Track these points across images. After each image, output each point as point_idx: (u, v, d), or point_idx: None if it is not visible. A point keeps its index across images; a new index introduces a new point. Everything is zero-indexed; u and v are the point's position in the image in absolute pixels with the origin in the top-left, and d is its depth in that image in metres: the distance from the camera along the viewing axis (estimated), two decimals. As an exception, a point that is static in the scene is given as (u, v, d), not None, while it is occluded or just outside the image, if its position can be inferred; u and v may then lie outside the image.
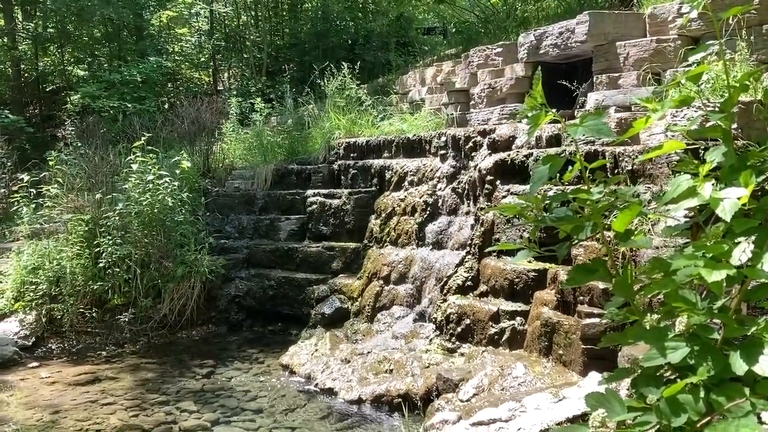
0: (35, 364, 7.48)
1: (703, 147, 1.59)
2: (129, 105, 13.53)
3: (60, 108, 16.67)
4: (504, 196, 6.68)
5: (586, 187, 1.50)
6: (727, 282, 1.37)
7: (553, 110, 1.59)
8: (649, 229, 4.55)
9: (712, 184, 1.39)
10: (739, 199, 1.33)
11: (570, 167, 1.68)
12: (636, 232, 1.70)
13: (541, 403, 4.47)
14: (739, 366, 1.24)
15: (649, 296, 1.56)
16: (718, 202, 1.34)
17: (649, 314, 1.47)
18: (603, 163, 1.84)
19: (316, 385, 6.55)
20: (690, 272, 1.31)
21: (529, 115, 1.55)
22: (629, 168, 5.43)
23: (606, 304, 1.72)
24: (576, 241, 1.61)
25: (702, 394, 1.26)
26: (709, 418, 1.24)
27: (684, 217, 1.81)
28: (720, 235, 1.39)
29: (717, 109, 1.50)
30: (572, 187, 1.81)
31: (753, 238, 1.31)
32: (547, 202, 1.73)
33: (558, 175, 1.74)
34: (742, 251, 1.32)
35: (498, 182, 6.83)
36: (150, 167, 8.72)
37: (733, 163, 1.39)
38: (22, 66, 17.28)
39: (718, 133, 1.48)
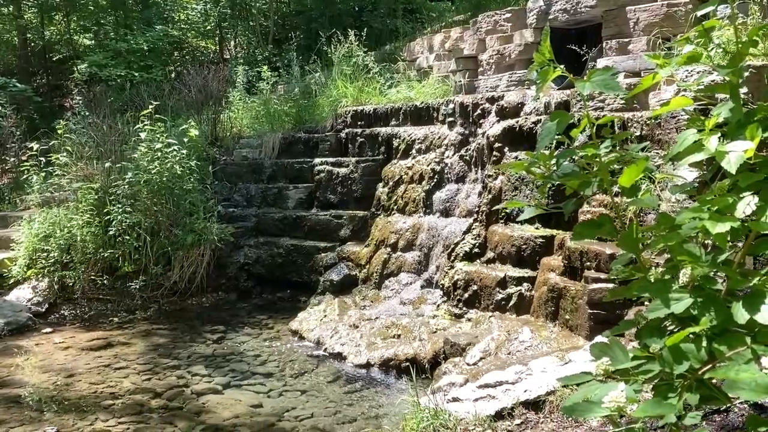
0: (49, 329, 7.60)
1: (712, 106, 1.59)
2: (136, 74, 13.50)
3: (67, 77, 16.65)
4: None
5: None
6: (732, 235, 1.39)
7: (562, 66, 1.60)
8: (658, 195, 4.55)
9: (719, 138, 1.41)
10: (744, 152, 1.34)
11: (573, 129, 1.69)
12: (643, 191, 1.71)
13: (547, 366, 4.53)
14: (741, 315, 1.27)
15: (655, 253, 1.57)
16: (724, 155, 1.36)
17: (654, 268, 1.50)
18: (611, 119, 1.83)
19: (325, 349, 6.64)
20: (695, 225, 1.33)
21: (537, 70, 1.56)
22: (638, 134, 5.41)
23: (612, 263, 1.74)
24: (583, 198, 1.62)
25: (704, 343, 1.29)
26: (710, 365, 1.27)
27: (692, 175, 1.82)
28: (725, 190, 1.41)
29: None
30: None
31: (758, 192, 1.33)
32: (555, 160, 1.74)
33: (567, 138, 1.76)
34: (746, 204, 1.34)
35: (506, 149, 6.82)
36: (158, 135, 8.74)
37: (740, 118, 1.40)
38: (28, 35, 17.22)
39: (725, 90, 1.49)
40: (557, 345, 5.12)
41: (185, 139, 9.24)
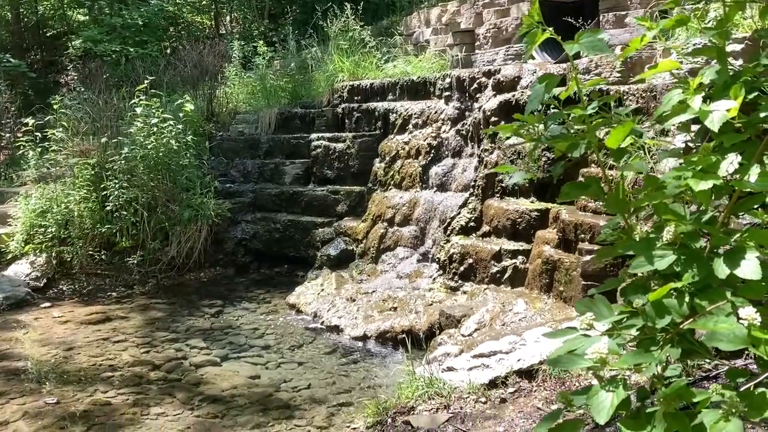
0: (47, 304, 7.65)
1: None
2: (131, 50, 13.40)
3: (62, 53, 16.52)
4: (508, 138, 6.66)
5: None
6: (716, 194, 1.41)
7: (550, 29, 1.61)
8: (652, 166, 4.57)
9: (703, 98, 1.42)
10: (728, 111, 1.36)
11: (570, 106, 1.69)
12: (633, 156, 1.74)
13: (540, 336, 4.59)
14: (722, 270, 1.30)
15: (643, 219, 1.59)
16: (707, 114, 1.38)
17: (639, 227, 1.52)
18: (599, 81, 1.85)
19: (322, 322, 6.71)
20: (679, 184, 1.35)
21: (526, 33, 1.57)
22: (634, 106, 5.41)
23: (602, 227, 1.77)
24: (571, 161, 1.64)
25: (687, 299, 1.32)
26: (691, 319, 1.30)
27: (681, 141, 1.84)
28: (710, 150, 1.43)
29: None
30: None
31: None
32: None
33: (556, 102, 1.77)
34: (729, 163, 1.36)
35: (502, 123, 6.81)
36: (154, 111, 8.71)
37: (727, 79, 1.41)
38: (22, 10, 17.05)
39: (712, 53, 1.50)
40: (551, 316, 5.18)
41: (181, 114, 9.21)
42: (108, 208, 8.39)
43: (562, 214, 5.66)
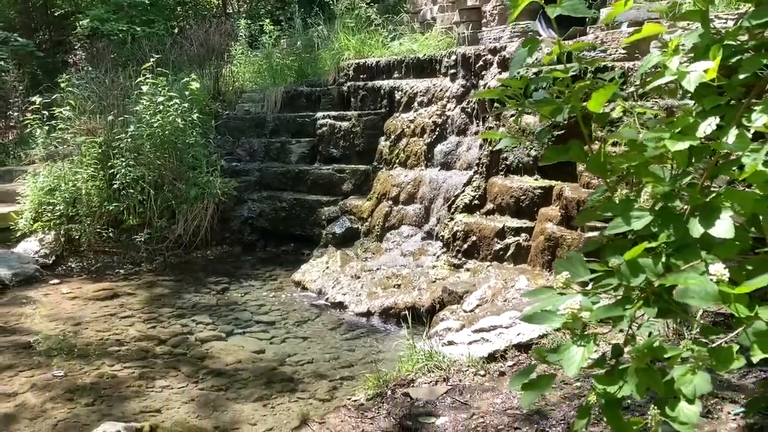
0: (56, 280, 7.75)
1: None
2: (138, 29, 13.38)
3: (69, 33, 16.52)
4: (512, 115, 6.65)
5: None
6: (696, 156, 1.42)
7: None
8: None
9: (681, 60, 1.43)
10: (705, 71, 1.37)
11: (576, 81, 1.69)
12: (624, 125, 1.75)
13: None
14: (697, 230, 1.31)
15: (627, 187, 1.60)
16: (685, 74, 1.38)
17: (620, 190, 1.54)
18: (585, 45, 1.85)
19: (327, 299, 6.76)
20: (657, 145, 1.36)
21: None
22: (638, 82, 5.38)
23: (589, 194, 1.78)
24: (556, 124, 1.66)
25: (663, 259, 1.34)
26: (664, 276, 1.32)
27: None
28: (693, 113, 1.44)
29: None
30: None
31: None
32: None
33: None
34: (707, 124, 1.37)
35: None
36: (160, 89, 8.73)
37: (709, 42, 1.41)
38: (29, -11, 17.02)
39: (697, 17, 1.50)
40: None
41: (187, 93, 9.23)
42: (115, 186, 8.45)
43: (565, 192, 5.66)
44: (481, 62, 7.52)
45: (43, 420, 4.28)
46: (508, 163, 6.72)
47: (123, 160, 8.45)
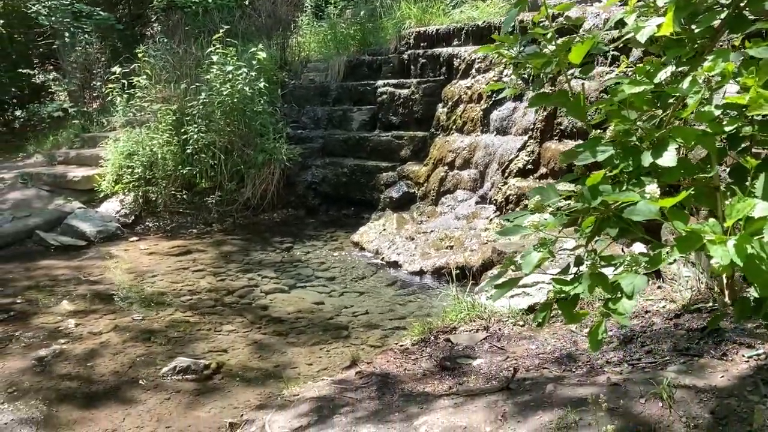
0: (135, 238, 8.39)
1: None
2: (210, 1, 13.90)
3: (147, 6, 17.27)
4: (569, 80, 6.71)
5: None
6: (662, 102, 1.61)
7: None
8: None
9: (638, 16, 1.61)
10: (657, 26, 1.55)
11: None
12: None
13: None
14: (647, 159, 1.52)
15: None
16: (640, 29, 1.57)
17: (594, 132, 1.74)
18: (568, 5, 2.05)
19: (383, 258, 7.09)
20: (624, 89, 1.56)
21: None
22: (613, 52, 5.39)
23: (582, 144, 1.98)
24: (546, 77, 1.87)
25: (624, 187, 1.55)
26: (617, 198, 1.54)
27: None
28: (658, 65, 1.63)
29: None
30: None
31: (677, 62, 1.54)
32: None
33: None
34: (664, 72, 1.56)
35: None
36: (229, 59, 9.18)
37: (680, 5, 1.58)
38: (110, -35, 17.83)
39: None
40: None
41: (255, 63, 9.64)
42: (188, 151, 8.99)
43: (615, 155, 5.75)
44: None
45: (124, 355, 4.80)
46: (562, 128, 6.82)
47: (195, 126, 8.97)
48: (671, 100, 1.57)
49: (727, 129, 1.50)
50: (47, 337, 5.17)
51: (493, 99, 8.05)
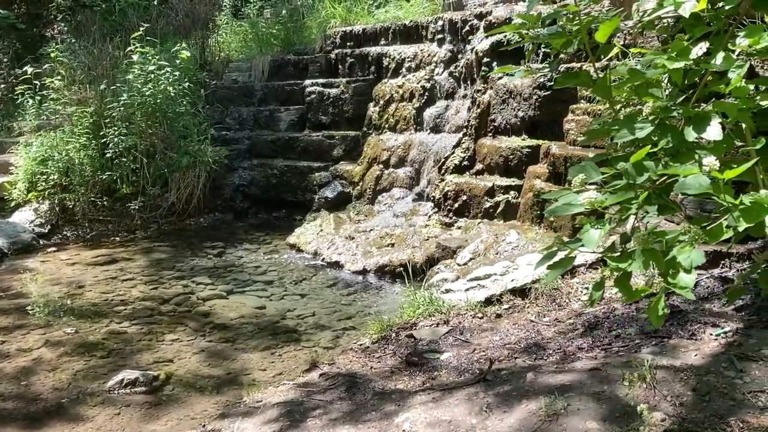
0: (53, 248, 7.87)
1: None
2: (120, -1, 13.30)
3: (47, 6, 16.32)
4: (500, 78, 6.86)
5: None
6: (689, 78, 1.64)
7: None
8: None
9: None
10: (698, 1, 1.58)
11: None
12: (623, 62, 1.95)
13: (532, 260, 4.87)
14: (690, 134, 1.53)
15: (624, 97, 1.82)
16: (681, 4, 1.59)
17: (624, 108, 1.75)
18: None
19: (323, 259, 6.98)
20: (656, 64, 1.58)
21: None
22: (622, 43, 5.60)
23: (589, 123, 1.99)
24: (563, 56, 1.87)
25: (663, 162, 1.56)
26: (666, 177, 1.55)
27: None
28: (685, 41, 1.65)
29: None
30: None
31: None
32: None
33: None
34: (699, 48, 1.58)
35: (494, 64, 6.99)
36: (150, 58, 8.79)
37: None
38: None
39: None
40: (542, 245, 5.45)
41: (178, 62, 9.29)
42: (108, 155, 8.53)
43: (552, 149, 5.90)
44: (467, 27, 7.69)
45: (61, 371, 4.47)
46: (496, 124, 6.94)
47: (115, 129, 8.52)
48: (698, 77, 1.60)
49: (763, 104, 1.54)
50: (-31, 357, 4.74)
51: (425, 97, 8.10)
